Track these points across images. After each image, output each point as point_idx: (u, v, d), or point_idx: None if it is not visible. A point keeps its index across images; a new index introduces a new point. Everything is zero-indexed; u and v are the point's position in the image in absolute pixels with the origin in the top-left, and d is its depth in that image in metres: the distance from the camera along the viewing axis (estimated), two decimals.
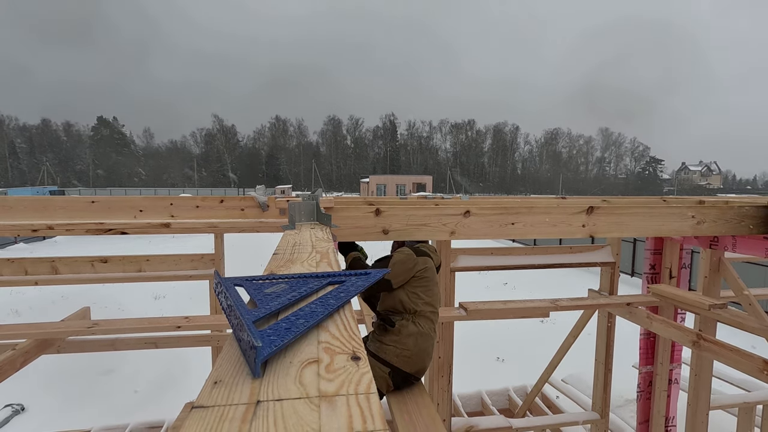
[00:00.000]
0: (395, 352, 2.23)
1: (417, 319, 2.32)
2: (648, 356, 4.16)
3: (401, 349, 2.23)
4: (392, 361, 2.21)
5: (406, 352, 2.23)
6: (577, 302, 3.83)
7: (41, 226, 2.92)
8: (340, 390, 0.55)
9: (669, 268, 3.98)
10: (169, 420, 4.86)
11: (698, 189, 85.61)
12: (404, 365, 2.22)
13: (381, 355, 2.25)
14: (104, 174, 75.05)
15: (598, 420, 4.43)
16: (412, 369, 2.26)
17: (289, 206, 2.28)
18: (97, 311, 4.93)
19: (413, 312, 2.33)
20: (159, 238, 19.51)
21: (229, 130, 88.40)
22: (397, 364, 2.21)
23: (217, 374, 0.62)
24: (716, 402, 4.39)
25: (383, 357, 2.24)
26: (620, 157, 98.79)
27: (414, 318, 2.32)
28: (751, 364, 2.67)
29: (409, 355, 2.23)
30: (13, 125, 77.54)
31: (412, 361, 2.24)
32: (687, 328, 3.35)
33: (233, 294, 0.94)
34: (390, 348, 2.24)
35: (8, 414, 5.93)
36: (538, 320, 8.81)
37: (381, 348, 2.27)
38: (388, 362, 2.23)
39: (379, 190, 52.13)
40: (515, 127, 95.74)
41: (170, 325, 3.38)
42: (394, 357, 2.22)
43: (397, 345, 2.24)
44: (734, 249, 3.23)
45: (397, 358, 2.22)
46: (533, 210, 2.63)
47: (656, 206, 2.77)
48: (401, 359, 2.22)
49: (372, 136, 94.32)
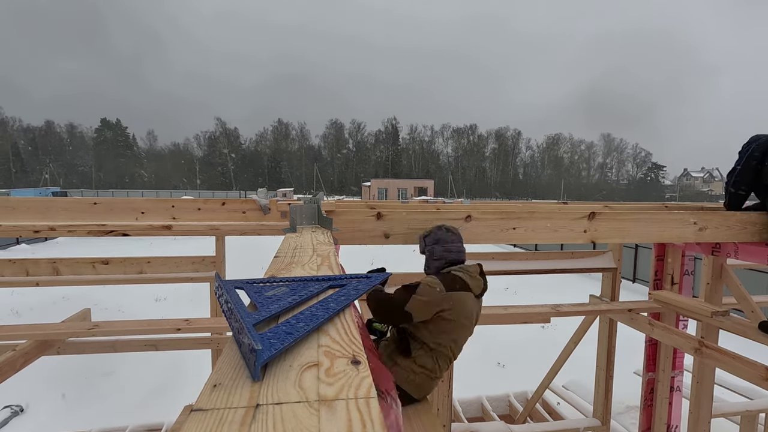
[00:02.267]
0: (406, 377, 2.08)
1: (437, 356, 2.09)
2: (653, 363, 4.14)
3: (413, 376, 2.08)
4: (400, 383, 2.06)
5: (417, 379, 2.08)
6: (579, 308, 3.82)
7: (43, 227, 2.93)
8: (339, 394, 0.55)
9: (671, 274, 3.97)
10: (168, 422, 4.85)
11: (700, 195, 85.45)
12: (412, 391, 2.09)
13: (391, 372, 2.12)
14: (107, 176, 75.30)
15: (599, 427, 4.41)
16: (419, 395, 2.13)
17: (291, 209, 2.28)
18: (97, 313, 4.94)
19: (434, 349, 2.08)
20: (160, 240, 19.51)
21: (232, 133, 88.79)
22: (404, 387, 2.07)
23: (217, 377, 0.62)
24: (718, 410, 4.36)
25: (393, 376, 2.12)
26: (622, 162, 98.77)
27: (434, 354, 2.09)
28: (754, 372, 2.65)
29: (420, 383, 2.09)
30: (17, 126, 77.96)
31: (421, 389, 2.11)
32: (689, 334, 3.34)
33: (234, 297, 0.94)
34: (401, 372, 2.08)
35: (8, 415, 5.92)
36: (539, 326, 8.80)
37: (392, 367, 2.09)
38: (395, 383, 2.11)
39: (380, 193, 52.17)
40: (517, 132, 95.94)
41: (170, 328, 3.38)
42: (404, 381, 2.07)
43: (410, 373, 2.08)
44: (736, 256, 3.21)
45: (407, 384, 2.08)
46: (534, 215, 2.63)
47: (658, 212, 2.77)
48: (411, 385, 2.08)
49: (374, 139, 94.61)
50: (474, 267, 2.19)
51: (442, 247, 2.19)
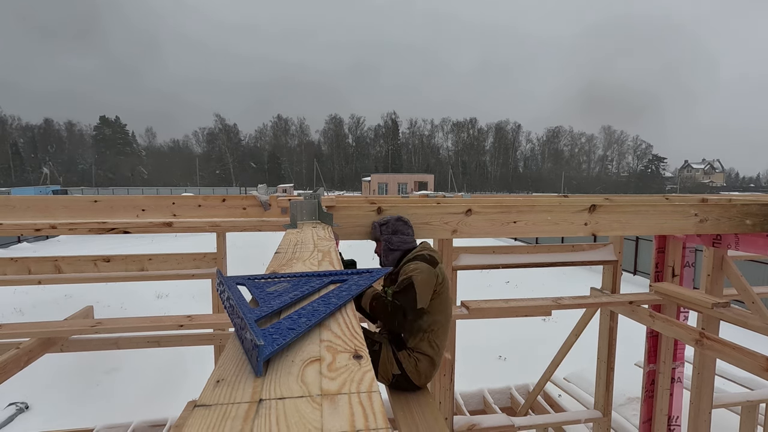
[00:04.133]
0: (408, 367, 2.10)
1: (432, 336, 2.12)
2: (654, 354, 4.16)
3: (415, 364, 2.09)
4: (406, 367, 2.09)
5: (420, 367, 2.10)
6: (580, 301, 3.82)
7: (44, 225, 2.93)
8: (342, 389, 0.55)
9: (672, 266, 3.97)
10: (172, 418, 4.87)
11: (701, 187, 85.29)
12: (416, 379, 2.11)
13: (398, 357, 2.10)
14: (106, 173, 75.28)
15: (600, 418, 4.43)
16: (422, 382, 2.15)
17: (291, 205, 2.28)
18: (100, 310, 4.96)
19: (429, 330, 2.11)
20: (161, 237, 19.56)
21: (231, 129, 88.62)
22: (409, 376, 2.10)
23: (220, 373, 0.62)
24: (719, 401, 4.38)
25: (399, 360, 2.10)
26: (622, 155, 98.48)
27: (430, 336, 2.11)
28: (754, 363, 2.66)
29: (423, 369, 2.11)
30: (16, 125, 77.87)
31: (425, 375, 2.13)
32: (690, 326, 3.34)
33: (235, 293, 0.95)
34: (403, 363, 2.10)
35: (12, 412, 5.97)
36: (541, 319, 8.81)
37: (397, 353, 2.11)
38: (402, 367, 2.09)
39: (380, 188, 52.13)
40: (517, 125, 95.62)
41: (173, 324, 3.39)
42: (407, 371, 2.09)
43: (411, 362, 2.10)
44: (737, 247, 3.21)
45: (411, 373, 2.10)
46: (535, 208, 2.63)
47: (659, 204, 2.77)
48: (414, 374, 2.10)
49: (374, 134, 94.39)
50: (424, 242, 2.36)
51: (399, 239, 2.27)
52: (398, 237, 2.27)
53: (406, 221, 2.33)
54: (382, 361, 2.11)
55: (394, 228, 2.28)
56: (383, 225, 2.31)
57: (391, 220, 2.31)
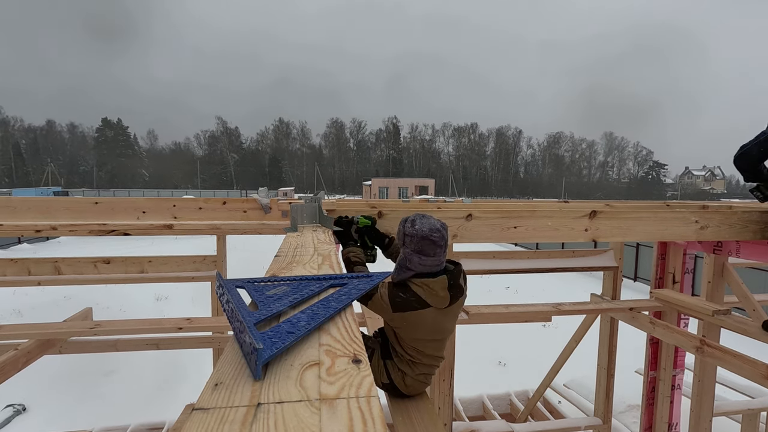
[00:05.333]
0: (395, 377, 2.01)
1: (414, 366, 1.96)
2: (655, 361, 4.14)
3: (401, 376, 2.00)
4: (394, 378, 2.01)
5: (406, 380, 2.01)
6: (580, 307, 3.81)
7: (45, 226, 2.93)
8: (340, 393, 0.55)
9: (672, 273, 3.96)
10: (169, 421, 4.86)
11: (702, 194, 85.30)
12: (403, 389, 2.04)
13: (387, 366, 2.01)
14: (108, 175, 75.43)
15: (600, 425, 4.40)
16: (411, 394, 2.08)
17: (292, 208, 2.28)
18: (99, 312, 4.95)
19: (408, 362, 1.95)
20: (161, 240, 19.53)
21: (233, 132, 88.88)
22: (397, 384, 2.02)
23: (218, 376, 0.62)
24: (720, 408, 4.36)
25: (388, 369, 2.00)
26: (623, 161, 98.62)
27: (410, 366, 1.96)
28: (755, 371, 2.65)
29: (409, 384, 2.02)
30: (18, 126, 78.18)
31: (410, 389, 2.05)
32: (690, 333, 3.33)
33: (235, 296, 0.94)
34: (392, 368, 2.01)
35: (10, 414, 5.94)
36: (541, 324, 8.79)
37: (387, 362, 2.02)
38: (390, 377, 2.00)
39: (381, 192, 52.16)
40: (518, 130, 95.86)
41: (172, 327, 3.39)
42: (398, 379, 2.01)
43: (397, 373, 2.00)
44: (738, 254, 3.21)
45: (398, 383, 2.02)
46: (535, 214, 2.62)
47: (659, 211, 2.76)
48: (401, 385, 2.02)
49: (375, 138, 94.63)
50: (441, 281, 1.79)
51: (420, 261, 1.78)
52: (419, 258, 1.78)
53: (434, 240, 1.76)
54: (373, 368, 2.06)
55: (419, 247, 1.77)
56: (409, 236, 1.80)
57: (419, 235, 1.76)
